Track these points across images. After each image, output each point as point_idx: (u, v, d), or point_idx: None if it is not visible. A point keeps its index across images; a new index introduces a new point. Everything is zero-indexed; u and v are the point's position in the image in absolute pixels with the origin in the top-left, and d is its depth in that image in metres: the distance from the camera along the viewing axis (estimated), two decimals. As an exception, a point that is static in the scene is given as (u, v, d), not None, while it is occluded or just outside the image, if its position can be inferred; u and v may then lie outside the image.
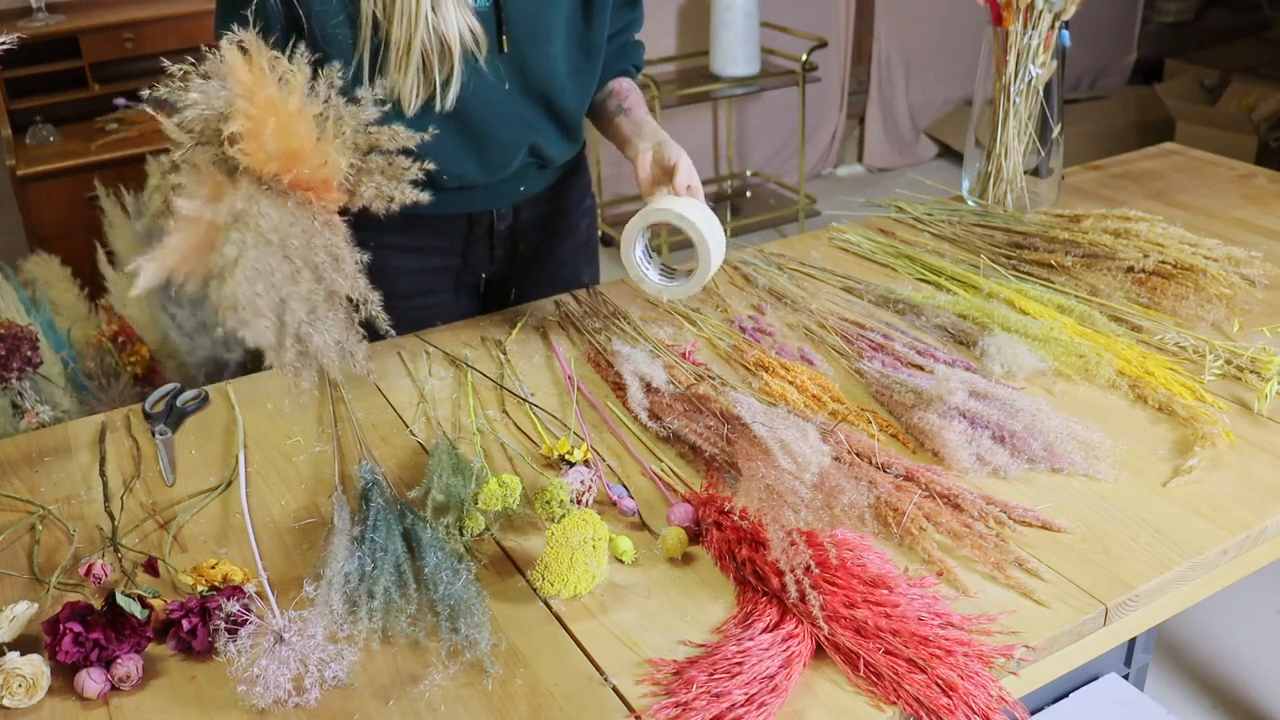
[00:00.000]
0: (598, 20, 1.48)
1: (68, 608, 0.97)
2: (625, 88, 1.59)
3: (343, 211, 1.15)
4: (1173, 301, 1.47)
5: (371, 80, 1.36)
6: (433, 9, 1.32)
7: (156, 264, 1.03)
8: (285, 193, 1.08)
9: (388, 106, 1.18)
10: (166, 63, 1.09)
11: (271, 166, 1.06)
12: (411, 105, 1.37)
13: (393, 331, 1.15)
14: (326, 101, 1.12)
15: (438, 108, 1.39)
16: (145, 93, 1.09)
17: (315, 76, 1.12)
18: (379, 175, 1.14)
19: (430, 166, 1.15)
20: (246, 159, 1.06)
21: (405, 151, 1.15)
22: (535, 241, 1.66)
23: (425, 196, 1.14)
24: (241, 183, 1.06)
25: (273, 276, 1.03)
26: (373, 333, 1.60)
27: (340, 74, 1.13)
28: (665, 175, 1.43)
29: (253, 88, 1.05)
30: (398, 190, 1.14)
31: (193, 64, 1.09)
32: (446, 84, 1.38)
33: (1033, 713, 1.40)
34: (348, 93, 1.14)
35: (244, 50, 1.06)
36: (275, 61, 1.08)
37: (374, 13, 1.32)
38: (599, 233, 4.23)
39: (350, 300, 1.12)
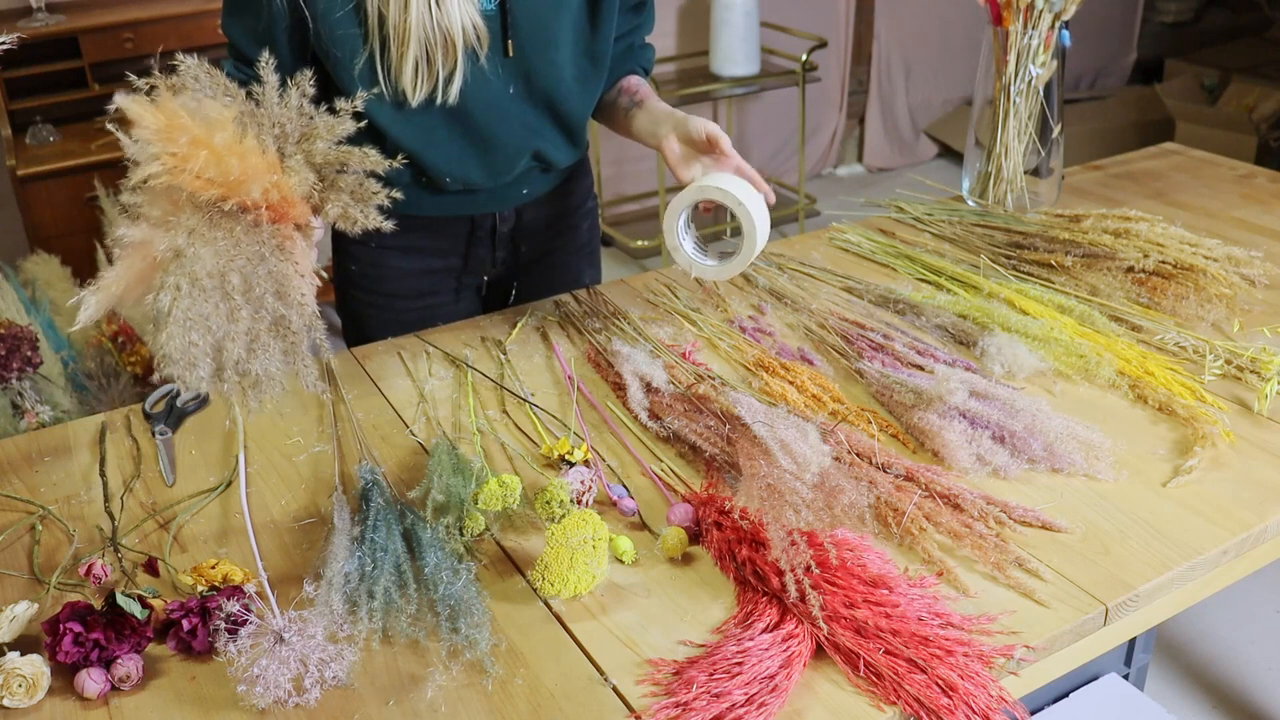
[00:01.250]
0: (604, 27, 1.47)
1: (68, 608, 0.97)
2: (635, 83, 1.58)
3: None
4: (1173, 301, 1.47)
5: (382, 75, 1.36)
6: (436, 2, 1.32)
7: (100, 295, 1.02)
8: (236, 214, 1.05)
9: (362, 122, 1.15)
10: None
11: (213, 192, 1.03)
12: (414, 98, 1.37)
13: (333, 359, 1.12)
14: (300, 110, 1.11)
15: (439, 100, 1.39)
16: (111, 107, 1.05)
17: (284, 86, 1.10)
18: (347, 195, 1.11)
19: (398, 196, 1.12)
20: (187, 186, 1.02)
21: (375, 175, 1.13)
22: (537, 243, 1.66)
23: (389, 225, 1.12)
24: (186, 210, 1.03)
25: (208, 321, 1.01)
26: (365, 335, 1.60)
27: (311, 81, 1.10)
28: (696, 149, 1.41)
29: (167, 132, 1.01)
30: (362, 214, 1.11)
31: (156, 77, 1.05)
32: (449, 79, 1.38)
33: (1033, 713, 1.40)
34: (330, 100, 1.12)
35: (151, 96, 1.02)
36: (196, 105, 1.04)
37: (378, 5, 1.32)
38: (600, 233, 4.25)
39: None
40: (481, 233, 1.59)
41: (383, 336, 1.53)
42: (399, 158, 1.16)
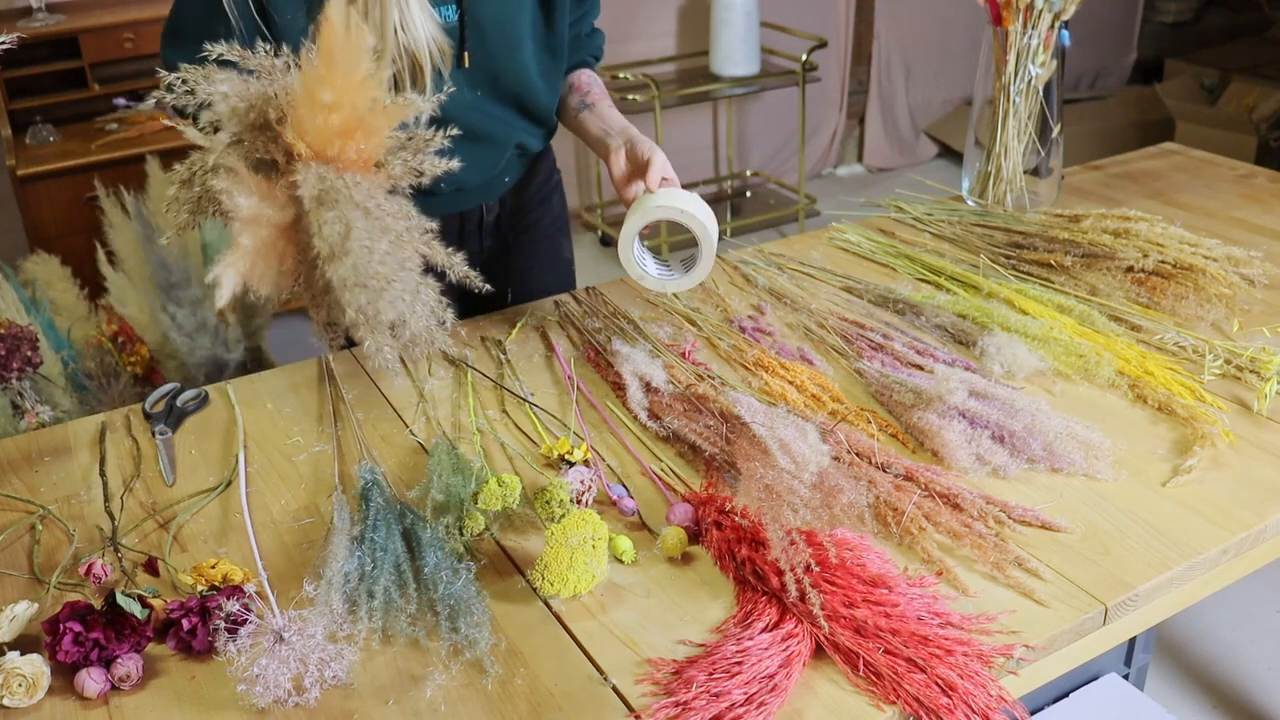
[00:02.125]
0: (559, 24, 1.50)
1: (68, 608, 0.97)
2: (586, 81, 1.61)
3: None
4: (1172, 301, 1.47)
5: None
6: (401, 26, 1.31)
7: (233, 269, 0.99)
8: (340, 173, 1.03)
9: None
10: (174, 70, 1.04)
11: (334, 145, 1.01)
12: None
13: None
14: None
15: (418, 119, 1.39)
16: (156, 94, 1.03)
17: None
18: (401, 150, 1.10)
19: (456, 131, 1.11)
20: (302, 143, 1.01)
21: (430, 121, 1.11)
22: (517, 225, 1.69)
23: (455, 164, 1.10)
24: (302, 169, 1.01)
25: (373, 254, 0.98)
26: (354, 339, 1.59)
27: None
28: (638, 171, 1.42)
29: (349, 53, 0.99)
30: (425, 163, 1.10)
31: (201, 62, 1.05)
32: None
33: (1033, 713, 1.40)
34: None
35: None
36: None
37: None
38: (599, 231, 4.25)
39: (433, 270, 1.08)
40: (471, 226, 1.63)
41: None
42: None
